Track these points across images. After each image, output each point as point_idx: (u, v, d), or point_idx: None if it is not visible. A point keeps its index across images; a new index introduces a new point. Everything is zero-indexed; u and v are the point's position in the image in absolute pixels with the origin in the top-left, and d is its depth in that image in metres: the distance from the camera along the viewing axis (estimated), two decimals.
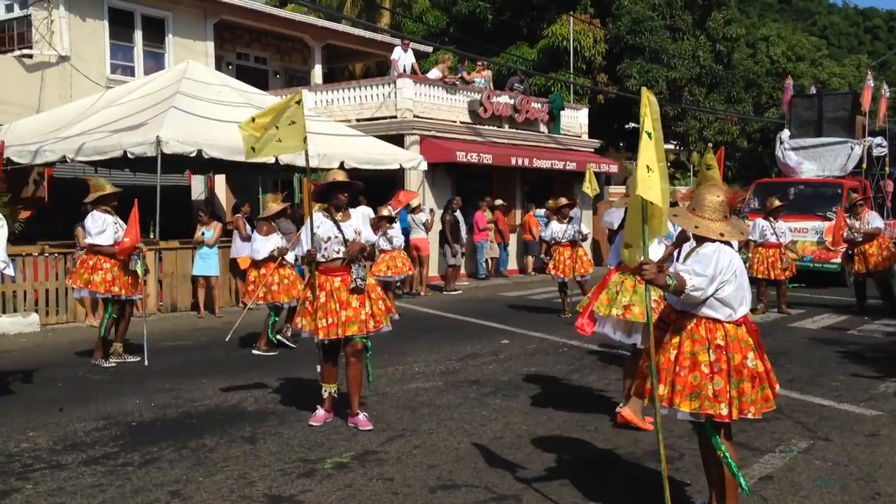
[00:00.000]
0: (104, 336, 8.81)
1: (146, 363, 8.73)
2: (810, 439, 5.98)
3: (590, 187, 12.63)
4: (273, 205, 9.50)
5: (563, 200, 12.94)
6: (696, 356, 4.05)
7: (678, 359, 4.09)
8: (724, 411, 3.99)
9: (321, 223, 6.18)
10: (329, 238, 6.18)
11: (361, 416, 6.27)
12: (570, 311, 12.66)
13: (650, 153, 3.98)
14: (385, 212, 11.77)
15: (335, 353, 6.37)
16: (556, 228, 12.65)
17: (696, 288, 3.95)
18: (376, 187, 14.18)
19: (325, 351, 6.33)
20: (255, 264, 9.54)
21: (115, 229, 8.67)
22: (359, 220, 6.41)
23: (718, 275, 3.98)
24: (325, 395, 6.38)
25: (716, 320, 4.07)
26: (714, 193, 4.20)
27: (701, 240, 4.14)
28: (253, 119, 6.32)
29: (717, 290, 4.00)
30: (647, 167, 3.95)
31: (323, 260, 6.18)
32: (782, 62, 42.00)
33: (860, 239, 12.57)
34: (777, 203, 12.94)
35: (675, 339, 4.13)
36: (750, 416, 4.03)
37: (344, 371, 6.37)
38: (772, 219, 12.75)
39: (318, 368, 6.46)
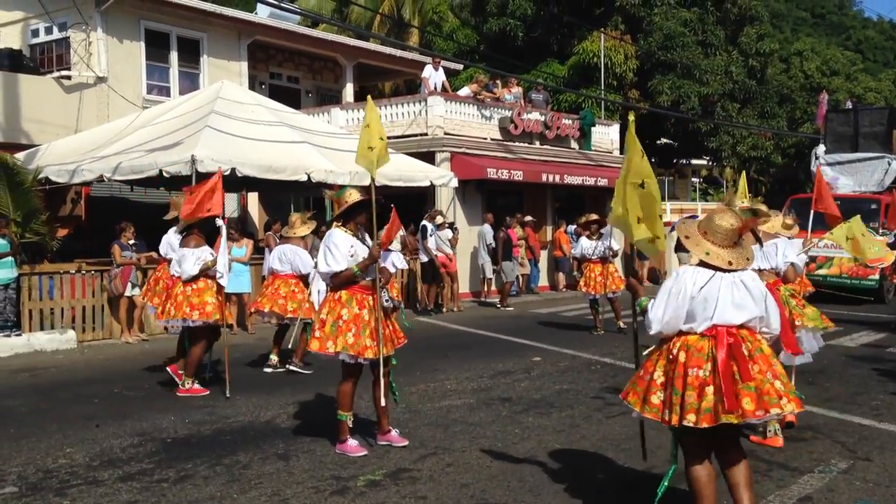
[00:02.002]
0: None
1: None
2: (850, 459, 5.86)
3: None
4: (303, 227, 9.59)
5: (592, 216, 12.87)
6: (656, 363, 4.25)
7: (645, 364, 4.34)
8: (667, 417, 4.12)
9: (353, 243, 5.99)
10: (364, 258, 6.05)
11: (394, 433, 6.25)
12: (603, 328, 12.59)
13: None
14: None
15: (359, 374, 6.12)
16: (586, 245, 12.58)
17: (648, 322, 4.22)
18: (407, 204, 14.23)
19: (357, 372, 6.05)
20: (302, 278, 9.54)
21: None
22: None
23: (668, 307, 4.14)
24: (350, 423, 6.04)
25: (681, 332, 4.19)
26: (727, 220, 4.22)
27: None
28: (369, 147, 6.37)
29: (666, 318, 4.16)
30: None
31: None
32: (816, 77, 41.49)
33: None
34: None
35: (652, 346, 4.38)
36: (688, 423, 4.03)
37: (371, 391, 6.22)
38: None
39: (344, 393, 5.99)
